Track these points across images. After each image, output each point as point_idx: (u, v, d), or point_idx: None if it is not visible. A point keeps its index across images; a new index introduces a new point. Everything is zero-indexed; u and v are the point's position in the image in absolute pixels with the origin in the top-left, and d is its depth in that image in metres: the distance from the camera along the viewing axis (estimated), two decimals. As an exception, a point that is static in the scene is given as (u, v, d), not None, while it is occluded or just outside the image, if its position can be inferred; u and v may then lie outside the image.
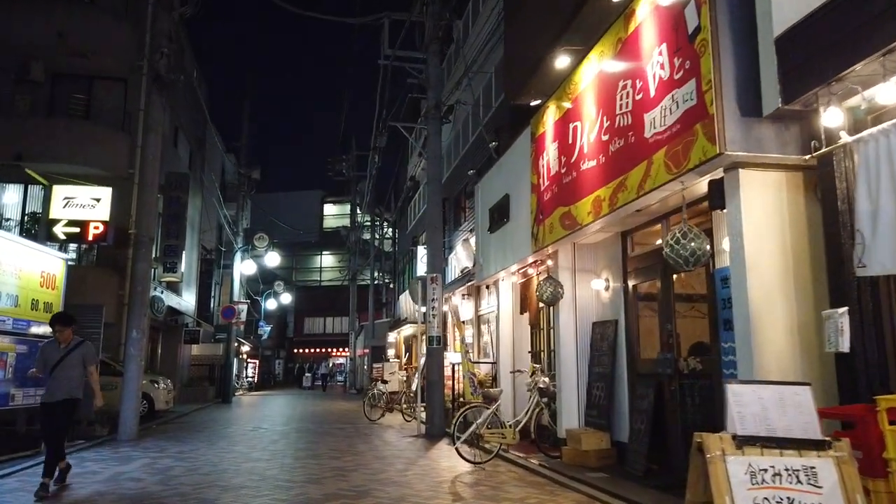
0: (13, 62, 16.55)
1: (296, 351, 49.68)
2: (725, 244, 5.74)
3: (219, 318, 28.77)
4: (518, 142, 9.56)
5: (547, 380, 8.85)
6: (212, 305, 30.10)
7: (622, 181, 6.07)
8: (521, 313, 10.60)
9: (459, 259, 17.37)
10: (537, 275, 9.67)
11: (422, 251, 19.74)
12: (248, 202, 27.74)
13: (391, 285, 38.29)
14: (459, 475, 7.68)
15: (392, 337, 23.28)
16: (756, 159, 4.84)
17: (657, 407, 6.86)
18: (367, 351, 32.80)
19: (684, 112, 5.05)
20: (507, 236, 9.88)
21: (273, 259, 25.11)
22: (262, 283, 37.92)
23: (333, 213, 58.37)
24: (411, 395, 16.15)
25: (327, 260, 56.66)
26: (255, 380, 35.39)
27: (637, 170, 5.78)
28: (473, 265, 15.59)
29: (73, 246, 16.40)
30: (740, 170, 4.93)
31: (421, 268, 19.54)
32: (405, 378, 20.90)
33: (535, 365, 9.32)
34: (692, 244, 5.08)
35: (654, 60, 5.54)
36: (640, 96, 5.80)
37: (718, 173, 5.15)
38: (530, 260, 9.39)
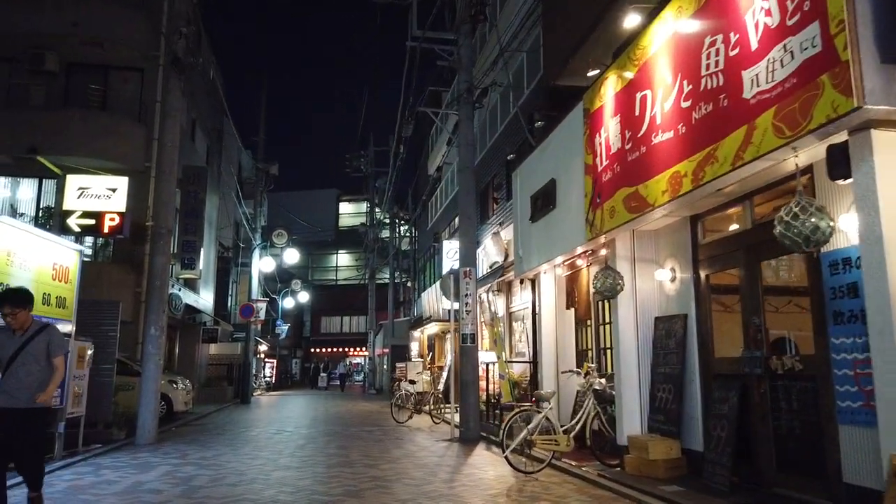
0: (27, 53, 16.01)
1: (312, 350, 49.15)
2: (840, 223, 4.91)
3: (236, 317, 28.20)
4: (566, 121, 8.76)
5: (603, 381, 8.05)
6: (229, 304, 29.54)
7: (711, 152, 5.26)
8: (568, 308, 9.80)
9: (488, 254, 16.60)
10: (588, 266, 8.87)
11: (447, 246, 19.00)
12: (265, 199, 27.10)
13: (408, 284, 37.70)
14: (512, 487, 6.90)
15: (416, 335, 22.55)
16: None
17: (741, 411, 6.04)
18: (386, 350, 32.13)
19: (804, 62, 4.23)
20: (553, 225, 9.09)
21: (292, 256, 24.41)
22: (279, 281, 37.41)
23: (349, 212, 57.99)
24: (439, 395, 15.42)
25: (343, 259, 56.28)
26: (273, 380, 34.82)
27: (733, 137, 4.97)
28: (504, 259, 14.82)
29: (88, 240, 15.85)
30: (873, 130, 4.11)
31: (447, 264, 18.80)
32: (430, 378, 20.19)
33: (589, 365, 8.51)
34: (812, 220, 4.27)
35: (757, 7, 4.73)
36: (735, 52, 4.99)
37: (839, 137, 4.34)
38: (580, 250, 8.60)
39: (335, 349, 47.63)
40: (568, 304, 9.70)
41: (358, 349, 48.77)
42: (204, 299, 23.30)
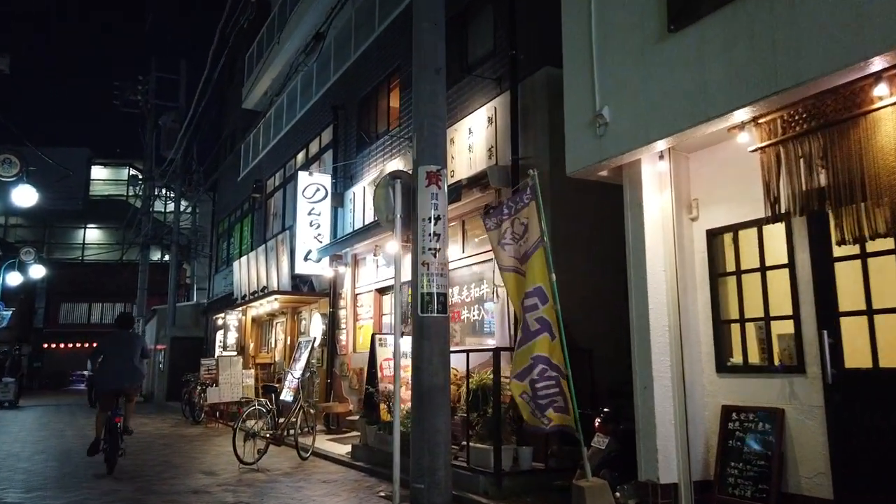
0: None
1: (46, 346, 37.68)
2: None
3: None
4: None
5: None
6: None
7: None
8: (776, 220, 4.39)
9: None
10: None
11: (306, 180, 12.53)
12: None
13: (184, 265, 29.74)
14: None
15: (232, 321, 15.53)
16: None
17: None
18: (162, 347, 24.01)
19: None
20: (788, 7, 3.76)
21: (26, 195, 15.64)
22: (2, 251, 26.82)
23: (104, 178, 46.85)
24: (309, 411, 9.14)
25: (93, 234, 45.09)
26: (-17, 385, 24.22)
27: None
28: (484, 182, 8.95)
29: None
30: None
31: (303, 207, 12.38)
32: (252, 382, 13.70)
33: None
34: None
35: None
36: None
37: None
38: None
39: (80, 344, 36.53)
40: (775, 212, 4.28)
41: (113, 344, 38.29)
42: None
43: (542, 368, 5.00)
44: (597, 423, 5.32)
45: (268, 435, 8.15)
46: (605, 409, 5.35)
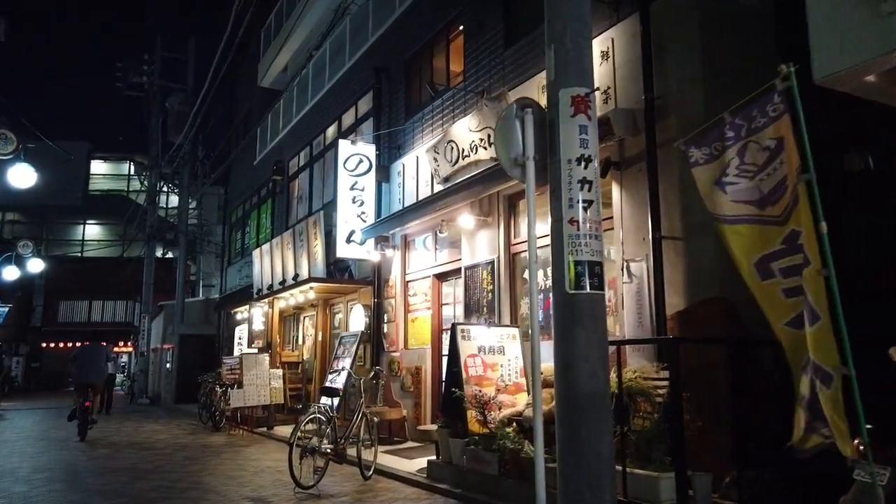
0: None
1: (45, 345, 36.00)
2: None
3: None
4: None
5: None
6: None
7: None
8: None
9: (438, 160, 9.01)
10: None
11: (348, 150, 10.85)
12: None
13: (187, 261, 28.10)
14: None
15: (257, 315, 13.84)
16: None
17: None
18: (168, 346, 22.39)
19: None
20: None
21: (25, 175, 13.99)
22: (-4, 242, 25.12)
23: (103, 173, 45.18)
24: (372, 421, 7.42)
25: (93, 230, 43.44)
26: (-20, 387, 22.54)
27: None
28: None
29: None
30: None
31: (345, 183, 10.72)
32: (280, 383, 12.11)
33: None
34: None
35: None
36: None
37: None
38: None
39: (81, 344, 34.82)
40: None
41: (117, 343, 36.63)
42: None
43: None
44: (858, 447, 3.64)
45: (328, 450, 6.47)
46: (869, 426, 3.68)
